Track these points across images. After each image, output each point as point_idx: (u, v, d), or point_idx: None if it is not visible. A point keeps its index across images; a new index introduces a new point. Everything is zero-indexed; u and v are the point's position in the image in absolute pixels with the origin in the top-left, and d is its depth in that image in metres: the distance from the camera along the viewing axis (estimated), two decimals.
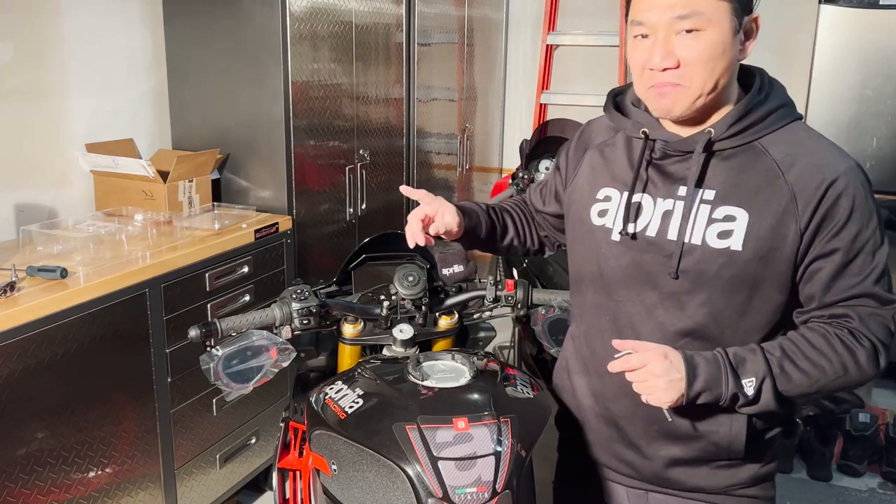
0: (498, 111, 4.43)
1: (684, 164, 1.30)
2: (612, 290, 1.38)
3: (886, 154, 3.45)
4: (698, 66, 1.22)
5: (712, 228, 1.27)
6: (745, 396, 1.24)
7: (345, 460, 1.29)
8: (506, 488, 1.18)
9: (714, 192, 1.28)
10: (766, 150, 1.27)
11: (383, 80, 3.22)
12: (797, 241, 1.24)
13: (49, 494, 1.96)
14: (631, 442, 1.42)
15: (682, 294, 1.30)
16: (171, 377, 2.28)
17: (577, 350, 1.50)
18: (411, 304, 1.63)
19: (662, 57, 1.22)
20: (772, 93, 1.30)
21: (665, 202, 1.32)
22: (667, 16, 1.21)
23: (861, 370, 1.26)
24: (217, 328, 1.47)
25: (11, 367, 1.83)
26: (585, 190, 1.44)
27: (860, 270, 1.25)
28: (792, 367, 1.25)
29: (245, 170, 2.85)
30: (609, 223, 1.37)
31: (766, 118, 1.28)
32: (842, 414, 3.15)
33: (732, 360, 1.25)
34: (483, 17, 4.07)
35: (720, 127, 1.27)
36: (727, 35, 1.21)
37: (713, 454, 1.36)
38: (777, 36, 3.82)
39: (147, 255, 2.20)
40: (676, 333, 1.32)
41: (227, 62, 2.76)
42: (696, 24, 1.20)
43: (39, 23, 2.46)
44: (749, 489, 1.41)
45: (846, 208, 1.23)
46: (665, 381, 1.22)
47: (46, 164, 2.53)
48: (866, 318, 1.26)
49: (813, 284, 1.27)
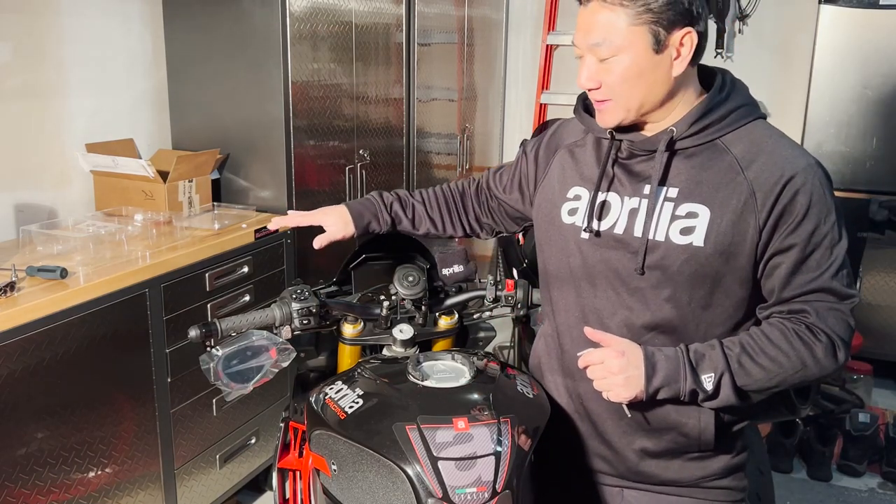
0: (498, 111, 4.43)
1: (649, 163, 1.35)
2: (580, 288, 1.42)
3: (886, 154, 3.45)
4: (616, 87, 1.30)
5: (675, 225, 1.31)
6: (703, 391, 1.28)
7: (345, 460, 1.29)
8: (506, 488, 1.19)
9: (677, 190, 1.32)
10: (727, 148, 1.31)
11: (383, 80, 3.22)
12: (756, 236, 1.28)
13: (49, 494, 1.96)
14: (605, 438, 1.45)
15: (647, 289, 1.34)
16: (171, 377, 2.28)
17: (549, 349, 1.53)
18: (411, 304, 1.63)
19: (586, 78, 1.32)
20: (733, 92, 1.34)
21: (631, 200, 1.36)
22: (586, 41, 1.30)
23: (819, 364, 1.29)
24: (217, 328, 1.47)
25: (11, 367, 1.83)
26: (556, 189, 1.48)
27: (818, 265, 1.28)
28: (750, 362, 1.29)
29: (245, 170, 2.85)
30: (579, 221, 1.41)
31: (727, 117, 1.32)
32: (842, 414, 3.15)
33: (692, 357, 1.29)
34: (483, 17, 4.06)
35: (681, 125, 1.31)
36: (642, 58, 1.27)
37: (684, 445, 1.40)
38: (777, 36, 3.82)
39: (147, 255, 2.20)
40: (642, 327, 1.36)
41: (227, 62, 2.75)
42: (609, 51, 1.27)
43: (39, 23, 2.46)
44: (721, 480, 1.44)
45: (803, 204, 1.26)
46: (622, 378, 1.27)
47: (46, 164, 2.53)
48: (824, 313, 1.29)
49: (772, 280, 1.31)
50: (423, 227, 1.70)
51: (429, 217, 1.70)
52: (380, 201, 1.68)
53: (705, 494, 1.44)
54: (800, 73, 3.62)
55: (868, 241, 3.44)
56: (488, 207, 1.71)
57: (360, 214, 1.66)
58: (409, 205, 1.69)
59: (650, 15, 1.24)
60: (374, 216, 1.66)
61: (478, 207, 1.72)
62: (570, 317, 1.45)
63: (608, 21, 1.26)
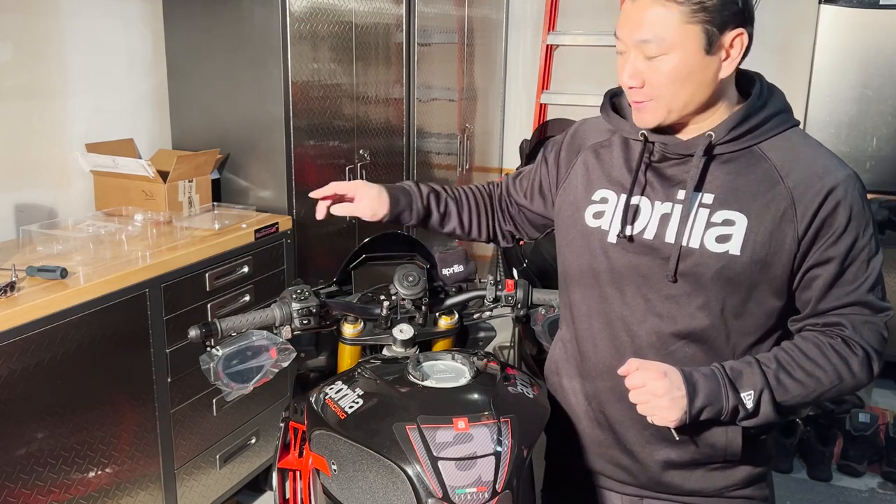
0: (498, 111, 4.43)
1: (683, 168, 1.30)
2: (605, 293, 1.38)
3: (886, 154, 3.45)
4: (661, 87, 1.25)
5: (711, 232, 1.27)
6: (745, 409, 1.25)
7: (345, 460, 1.29)
8: (506, 488, 1.18)
9: (713, 196, 1.28)
10: (765, 155, 1.27)
11: (383, 80, 3.22)
12: (795, 247, 1.25)
13: (49, 494, 1.96)
14: (626, 447, 1.41)
15: (679, 297, 1.30)
16: (171, 377, 2.28)
17: (568, 354, 1.49)
18: (411, 304, 1.63)
19: (630, 76, 1.26)
20: (771, 98, 1.31)
21: (663, 205, 1.32)
22: (633, 37, 1.24)
23: (855, 378, 1.27)
24: (217, 328, 1.47)
25: (11, 367, 1.83)
26: (580, 191, 1.43)
27: (854, 279, 1.26)
28: (788, 378, 1.26)
29: (245, 170, 2.85)
30: (605, 225, 1.37)
31: (766, 123, 1.28)
32: (842, 414, 3.15)
33: (730, 374, 1.25)
34: (483, 17, 4.06)
35: (720, 131, 1.27)
36: (693, 58, 1.22)
37: (709, 456, 1.36)
38: (777, 36, 3.82)
39: (147, 255, 2.20)
40: (672, 336, 1.32)
41: (227, 62, 2.75)
42: (659, 48, 1.22)
43: (39, 23, 2.46)
44: (744, 490, 1.41)
45: (844, 216, 1.23)
46: (667, 400, 1.22)
47: (46, 164, 2.53)
48: (859, 326, 1.26)
49: (809, 292, 1.28)
50: (450, 226, 1.65)
51: (458, 217, 1.64)
52: (417, 192, 1.61)
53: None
54: (800, 73, 3.61)
55: None
56: (509, 214, 1.66)
57: (396, 200, 1.59)
58: (443, 201, 1.64)
59: (705, 14, 1.19)
60: (408, 205, 1.60)
61: (500, 214, 1.68)
62: (594, 323, 1.40)
63: (660, 17, 1.20)
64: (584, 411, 1.45)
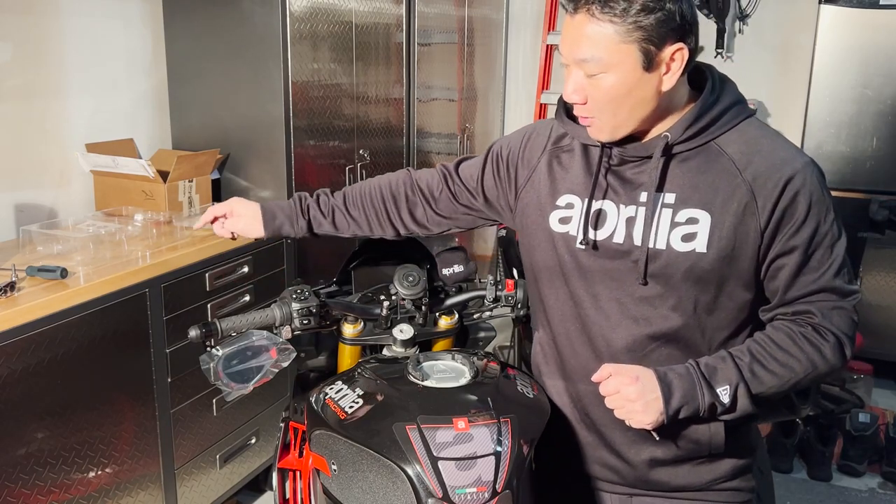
0: (498, 111, 4.42)
1: (643, 170, 1.31)
2: (579, 297, 1.38)
3: (886, 154, 3.45)
4: (602, 104, 1.25)
5: (676, 232, 1.28)
6: (721, 405, 1.26)
7: (345, 460, 1.29)
8: (506, 488, 1.18)
9: (675, 196, 1.29)
10: (722, 150, 1.28)
11: (383, 80, 3.22)
12: (758, 239, 1.27)
13: (49, 494, 1.96)
14: (612, 447, 1.42)
15: (651, 298, 1.32)
16: (171, 377, 2.28)
17: (548, 356, 1.49)
18: (411, 304, 1.63)
19: (572, 90, 1.26)
20: (723, 92, 1.31)
21: (627, 209, 1.32)
22: (572, 55, 1.24)
23: (828, 363, 1.29)
24: (217, 328, 1.47)
25: (11, 367, 1.83)
26: (544, 195, 1.42)
27: (819, 265, 1.27)
28: (762, 369, 1.27)
29: (245, 170, 2.84)
30: (573, 230, 1.37)
31: (721, 118, 1.29)
32: (842, 414, 3.15)
33: (704, 371, 1.27)
34: (483, 17, 4.06)
35: (676, 130, 1.27)
36: (631, 76, 1.21)
37: (694, 452, 1.38)
38: (777, 36, 3.82)
39: (147, 255, 2.20)
40: (648, 338, 1.33)
41: (226, 62, 2.75)
42: (597, 68, 1.22)
43: (39, 23, 2.46)
44: (731, 482, 1.43)
45: (804, 205, 1.25)
46: (641, 404, 1.24)
47: (46, 164, 2.53)
48: (828, 312, 1.28)
49: (776, 281, 1.30)
50: (349, 230, 1.64)
51: (351, 218, 1.62)
52: (297, 205, 1.61)
53: (715, 497, 1.42)
54: (800, 73, 3.61)
55: (868, 241, 3.44)
56: (453, 196, 1.59)
57: (272, 216, 1.60)
58: (329, 207, 1.62)
59: (641, 32, 1.18)
60: (287, 218, 1.60)
61: (418, 205, 1.60)
62: (569, 327, 1.41)
63: (597, 36, 1.20)
64: (570, 412, 1.46)
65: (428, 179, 1.62)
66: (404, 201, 1.62)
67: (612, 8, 1.18)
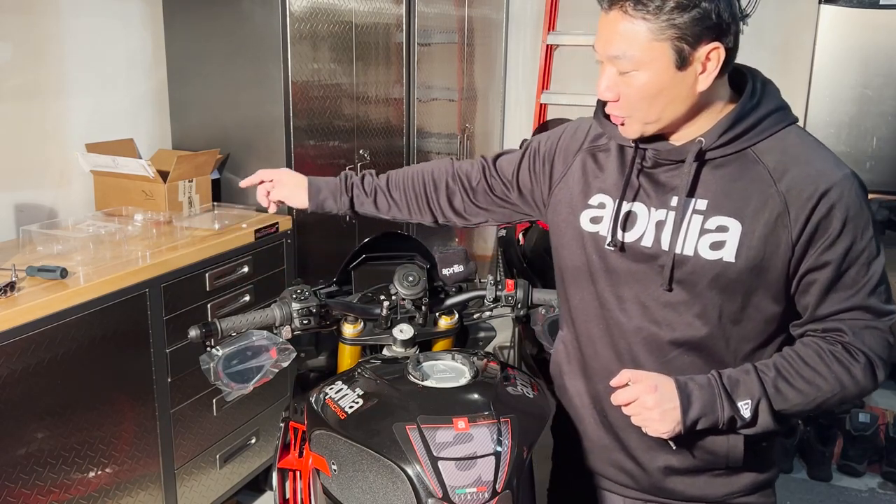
0: (498, 111, 4.42)
1: (675, 174, 1.28)
2: (604, 298, 1.36)
3: (886, 154, 3.45)
4: (634, 102, 1.23)
5: (704, 239, 1.25)
6: (741, 419, 1.24)
7: (345, 460, 1.29)
8: (506, 488, 1.18)
9: (706, 202, 1.26)
10: (758, 159, 1.24)
11: (383, 80, 3.22)
12: (789, 252, 1.23)
13: (49, 494, 1.96)
14: (628, 451, 1.40)
15: (676, 304, 1.29)
16: (171, 377, 2.28)
17: (570, 355, 1.48)
18: (411, 304, 1.63)
19: (605, 87, 1.24)
20: (764, 97, 1.27)
21: (658, 212, 1.30)
22: (605, 52, 1.22)
23: (858, 385, 1.24)
24: (217, 328, 1.47)
25: (11, 367, 1.83)
26: (576, 193, 1.41)
27: (853, 283, 1.23)
28: (787, 386, 1.24)
29: (245, 170, 2.84)
30: (603, 230, 1.35)
31: (759, 125, 1.25)
32: (842, 414, 3.15)
33: (726, 384, 1.24)
34: (483, 17, 4.06)
35: (711, 136, 1.24)
36: (663, 75, 1.19)
37: (711, 463, 1.35)
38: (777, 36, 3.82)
39: (147, 255, 2.20)
40: (670, 344, 1.31)
41: (226, 62, 2.75)
42: (629, 65, 1.19)
43: (39, 23, 2.46)
44: (748, 497, 1.40)
45: (839, 220, 1.20)
46: (658, 413, 1.22)
47: (46, 164, 2.53)
48: (860, 331, 1.24)
49: (807, 297, 1.26)
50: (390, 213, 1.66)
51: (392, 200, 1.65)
52: (343, 181, 1.65)
53: None
54: (800, 73, 3.61)
55: None
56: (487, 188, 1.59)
57: (317, 189, 1.63)
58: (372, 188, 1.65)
59: (674, 31, 1.15)
60: (331, 194, 1.64)
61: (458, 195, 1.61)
62: (592, 328, 1.39)
63: (628, 33, 1.17)
64: (588, 413, 1.45)
65: (468, 169, 1.62)
66: (444, 189, 1.63)
67: (645, 5, 1.15)
